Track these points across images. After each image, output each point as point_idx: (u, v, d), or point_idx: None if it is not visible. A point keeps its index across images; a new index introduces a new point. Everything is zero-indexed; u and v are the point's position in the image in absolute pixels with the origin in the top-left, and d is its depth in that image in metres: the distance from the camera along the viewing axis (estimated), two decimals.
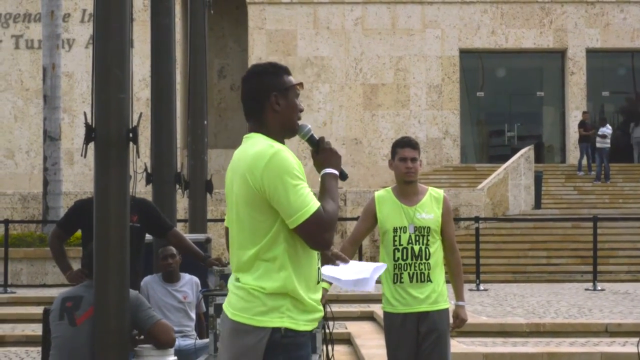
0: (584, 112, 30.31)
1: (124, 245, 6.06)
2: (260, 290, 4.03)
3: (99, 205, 6.07)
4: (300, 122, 4.19)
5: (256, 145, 4.06)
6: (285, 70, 4.20)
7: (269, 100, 4.13)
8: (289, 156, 4.01)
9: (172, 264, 8.45)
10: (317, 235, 3.99)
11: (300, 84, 4.23)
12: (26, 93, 30.69)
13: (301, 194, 3.96)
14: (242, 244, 4.08)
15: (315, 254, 4.14)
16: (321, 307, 4.18)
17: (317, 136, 4.22)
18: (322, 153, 4.19)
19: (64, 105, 26.73)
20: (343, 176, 4.22)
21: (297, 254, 4.05)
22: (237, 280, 4.10)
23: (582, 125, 29.36)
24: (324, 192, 4.11)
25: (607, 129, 28.37)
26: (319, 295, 4.17)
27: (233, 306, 4.09)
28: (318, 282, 4.16)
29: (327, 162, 4.17)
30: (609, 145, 27.96)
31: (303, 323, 4.08)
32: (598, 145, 27.98)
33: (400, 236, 6.24)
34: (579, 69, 31.20)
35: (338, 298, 14.93)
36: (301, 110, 4.20)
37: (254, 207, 4.03)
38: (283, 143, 4.15)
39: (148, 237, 8.46)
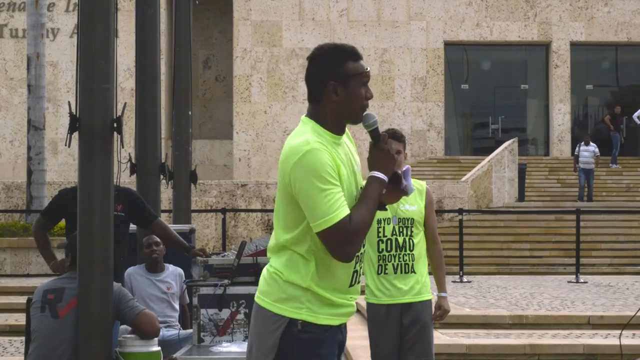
0: (616, 107, 30.86)
1: (107, 235, 6.06)
2: (280, 275, 3.83)
3: (83, 195, 6.06)
4: (367, 112, 3.88)
5: (298, 137, 3.79)
6: (349, 56, 3.84)
7: (327, 89, 3.82)
8: (323, 157, 3.72)
9: (156, 250, 8.42)
10: (336, 247, 3.70)
11: (366, 73, 3.86)
12: (10, 82, 30.56)
13: (327, 201, 3.68)
14: (276, 227, 3.88)
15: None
16: (353, 302, 3.91)
17: (381, 131, 3.95)
18: (377, 151, 3.87)
19: (48, 94, 26.63)
20: (397, 181, 3.86)
21: (326, 255, 3.78)
22: (270, 260, 3.94)
23: (613, 117, 29.96)
24: (362, 197, 3.81)
25: (593, 147, 27.31)
26: (351, 296, 3.90)
27: (259, 288, 3.93)
28: (352, 285, 3.89)
29: (379, 164, 3.84)
30: (593, 166, 26.74)
31: (324, 317, 3.83)
32: (583, 166, 26.54)
33: (384, 227, 6.27)
34: (563, 62, 31.27)
35: None
36: (367, 98, 3.86)
37: (286, 198, 3.82)
38: (342, 130, 3.92)
39: (132, 227, 8.45)
